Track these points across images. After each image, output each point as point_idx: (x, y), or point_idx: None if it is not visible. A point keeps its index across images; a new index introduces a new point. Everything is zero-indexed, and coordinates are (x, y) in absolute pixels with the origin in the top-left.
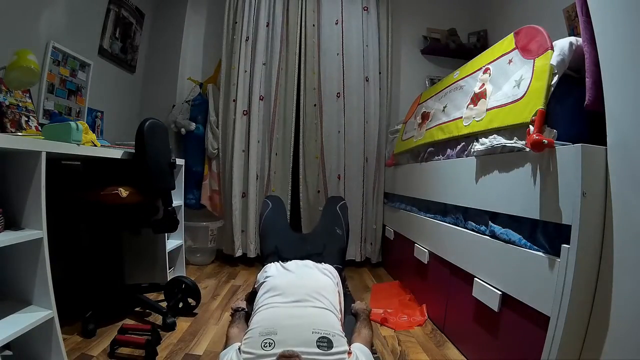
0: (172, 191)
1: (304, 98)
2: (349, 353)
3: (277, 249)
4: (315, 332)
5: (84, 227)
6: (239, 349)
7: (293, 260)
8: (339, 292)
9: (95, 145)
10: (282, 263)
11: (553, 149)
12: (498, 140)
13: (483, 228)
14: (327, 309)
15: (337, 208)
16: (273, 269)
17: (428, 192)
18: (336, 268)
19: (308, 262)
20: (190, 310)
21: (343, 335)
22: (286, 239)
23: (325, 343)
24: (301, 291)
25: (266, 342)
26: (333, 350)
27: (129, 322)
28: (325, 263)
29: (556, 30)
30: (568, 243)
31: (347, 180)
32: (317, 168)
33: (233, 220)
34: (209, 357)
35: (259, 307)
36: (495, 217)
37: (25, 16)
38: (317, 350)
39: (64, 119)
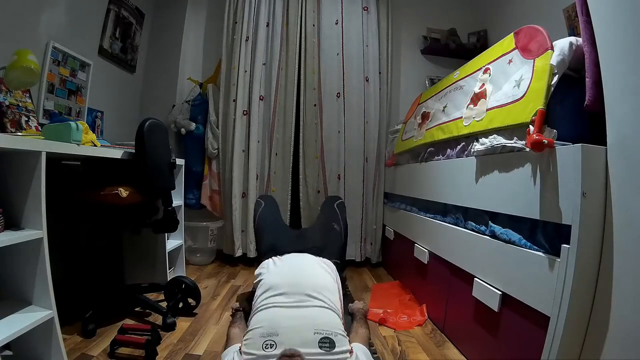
0: (172, 191)
1: (304, 98)
2: (350, 352)
3: (274, 245)
4: (317, 333)
5: (84, 227)
6: (240, 350)
7: (291, 254)
8: (338, 289)
9: (95, 145)
10: (279, 257)
11: (553, 149)
12: (498, 140)
13: (483, 228)
14: (329, 308)
15: (335, 205)
16: (271, 265)
17: (428, 192)
18: (334, 263)
19: (307, 255)
20: (190, 310)
21: (345, 335)
22: (283, 235)
23: (327, 344)
24: (301, 290)
25: (267, 344)
26: (335, 350)
27: (129, 322)
28: (324, 257)
29: (556, 30)
30: (568, 243)
31: (347, 180)
32: (317, 168)
33: (233, 220)
34: (209, 357)
35: (259, 307)
36: (495, 217)
37: (25, 16)
38: (319, 350)
39: (64, 119)
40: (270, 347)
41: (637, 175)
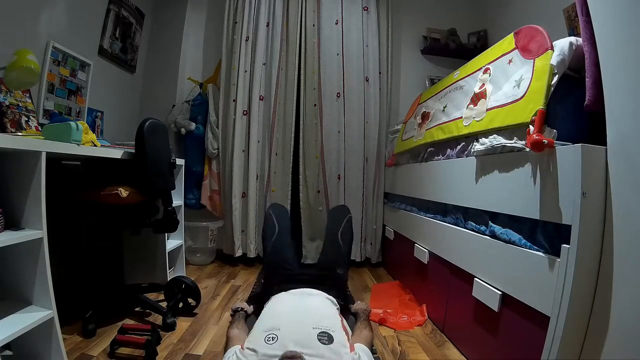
0: (172, 191)
1: (304, 98)
2: (352, 349)
3: (280, 284)
4: (316, 328)
5: (84, 227)
6: (242, 347)
7: (300, 289)
8: (343, 323)
9: (95, 145)
10: (286, 292)
11: (553, 149)
12: (498, 140)
13: (483, 228)
14: (329, 315)
15: (339, 235)
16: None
17: (428, 192)
18: (339, 304)
19: (312, 290)
20: (190, 310)
21: (343, 334)
22: (292, 274)
23: (325, 337)
24: (306, 314)
25: (269, 337)
26: (334, 344)
27: (129, 322)
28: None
29: (556, 30)
30: (568, 243)
31: (347, 180)
32: (317, 168)
33: (233, 220)
34: (209, 357)
35: (264, 317)
36: (495, 217)
37: (25, 16)
38: (318, 343)
39: (64, 119)
40: (272, 340)
41: (637, 175)
